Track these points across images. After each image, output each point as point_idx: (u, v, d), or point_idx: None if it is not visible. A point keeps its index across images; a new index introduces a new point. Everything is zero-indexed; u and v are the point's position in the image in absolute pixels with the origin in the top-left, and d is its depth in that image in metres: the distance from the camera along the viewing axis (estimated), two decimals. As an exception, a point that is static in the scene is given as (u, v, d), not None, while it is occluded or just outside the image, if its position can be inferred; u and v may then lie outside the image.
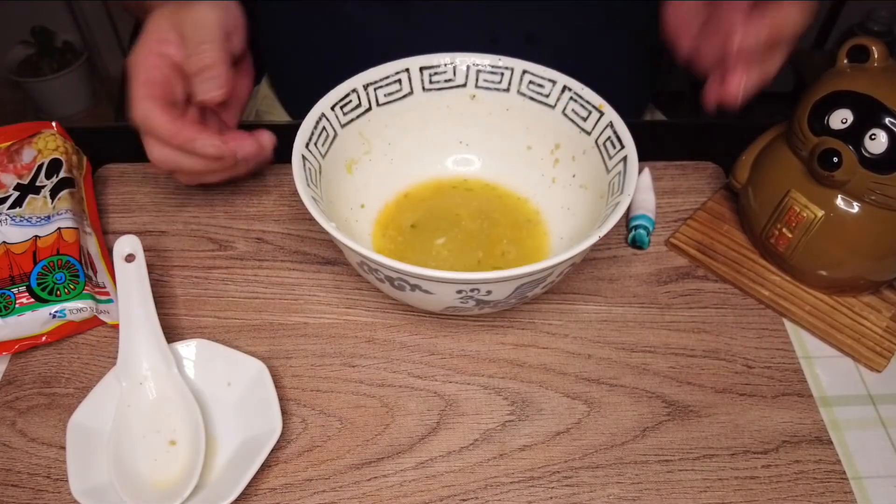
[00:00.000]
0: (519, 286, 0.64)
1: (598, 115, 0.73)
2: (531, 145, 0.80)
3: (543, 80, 0.76)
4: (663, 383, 0.72)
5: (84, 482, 0.62)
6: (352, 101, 0.76)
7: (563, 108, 0.76)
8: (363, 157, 0.80)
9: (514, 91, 0.78)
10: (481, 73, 0.78)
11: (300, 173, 0.68)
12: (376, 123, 0.79)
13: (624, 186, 0.68)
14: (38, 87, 2.86)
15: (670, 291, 0.79)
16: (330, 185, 0.74)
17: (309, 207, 0.64)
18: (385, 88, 0.77)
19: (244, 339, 0.75)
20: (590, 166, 0.75)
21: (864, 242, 0.71)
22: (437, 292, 0.64)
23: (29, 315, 0.71)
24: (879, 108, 0.66)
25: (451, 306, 0.67)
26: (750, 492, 0.65)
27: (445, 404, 0.70)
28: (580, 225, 0.74)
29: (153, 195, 0.88)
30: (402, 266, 0.60)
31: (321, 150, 0.73)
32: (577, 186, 0.77)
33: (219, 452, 0.66)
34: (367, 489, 0.65)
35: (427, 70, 0.77)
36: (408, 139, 0.82)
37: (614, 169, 0.70)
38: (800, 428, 0.69)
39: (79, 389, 0.71)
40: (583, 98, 0.74)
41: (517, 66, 0.77)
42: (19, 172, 0.82)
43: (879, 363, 0.73)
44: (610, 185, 0.70)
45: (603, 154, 0.73)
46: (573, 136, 0.76)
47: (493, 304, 0.67)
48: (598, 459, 0.67)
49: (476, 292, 0.63)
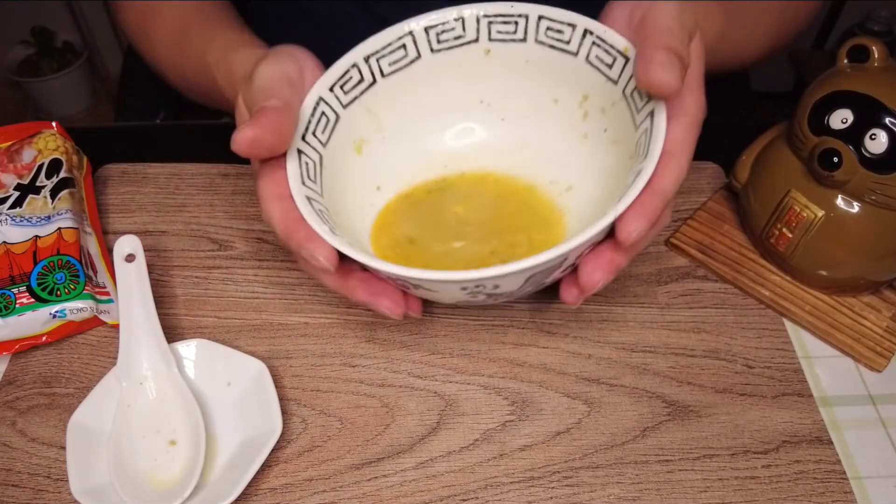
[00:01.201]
0: (530, 277, 0.58)
1: (623, 60, 0.64)
2: (557, 98, 0.72)
3: (562, 25, 0.68)
4: (663, 383, 0.72)
5: (84, 482, 0.62)
6: (352, 78, 0.69)
7: (586, 54, 0.67)
8: (374, 136, 0.72)
9: (531, 40, 0.69)
10: (493, 24, 0.69)
11: (295, 171, 0.62)
12: (384, 96, 0.71)
13: (649, 149, 0.59)
14: (39, 87, 2.86)
15: (670, 291, 0.79)
16: (336, 172, 0.68)
17: (301, 208, 0.59)
18: (389, 57, 0.70)
19: (244, 339, 0.75)
20: (620, 120, 0.66)
21: (865, 242, 0.71)
22: (441, 290, 0.60)
23: (29, 315, 0.71)
24: (880, 108, 0.66)
25: (461, 301, 0.62)
26: (750, 492, 0.65)
27: (445, 404, 0.70)
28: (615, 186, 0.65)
29: (153, 195, 0.88)
30: (397, 270, 0.56)
31: (321, 139, 0.67)
32: (610, 143, 0.68)
33: (219, 452, 0.66)
34: (367, 489, 0.65)
35: (433, 29, 0.70)
36: (423, 107, 0.74)
37: (642, 125, 0.62)
38: (800, 428, 0.69)
39: (79, 389, 0.71)
40: (606, 42, 0.65)
41: (532, 11, 0.68)
42: (19, 172, 0.82)
43: (880, 363, 0.73)
44: (637, 145, 0.63)
45: (631, 107, 0.64)
46: (600, 85, 0.68)
47: (508, 295, 0.62)
48: (598, 459, 0.67)
49: (482, 287, 0.58)
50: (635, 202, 0.55)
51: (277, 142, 0.59)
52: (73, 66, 2.85)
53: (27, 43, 2.82)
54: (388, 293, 0.60)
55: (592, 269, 0.58)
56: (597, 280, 0.58)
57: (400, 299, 0.61)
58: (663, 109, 0.59)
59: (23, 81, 2.83)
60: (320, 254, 0.57)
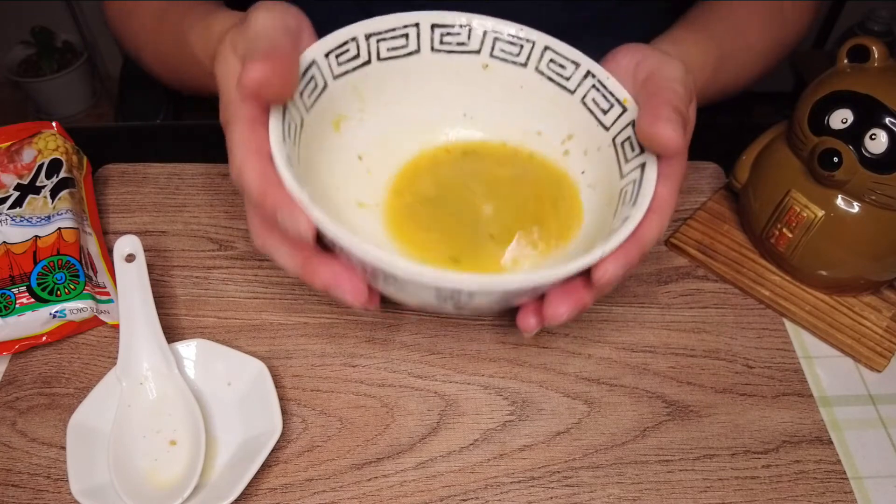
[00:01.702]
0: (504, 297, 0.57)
1: (620, 109, 0.64)
2: (542, 131, 0.71)
3: (566, 61, 0.67)
4: (663, 383, 0.72)
5: (84, 482, 0.62)
6: (349, 51, 0.66)
7: (582, 95, 0.67)
8: (355, 115, 0.69)
9: (531, 67, 0.69)
10: (498, 42, 0.68)
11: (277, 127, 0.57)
12: (374, 79, 0.68)
13: (637, 198, 0.58)
14: (39, 87, 2.86)
15: (670, 291, 0.79)
16: (311, 142, 0.64)
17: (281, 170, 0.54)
18: (389, 42, 0.68)
19: (244, 339, 0.75)
20: (603, 166, 0.66)
21: (865, 242, 0.71)
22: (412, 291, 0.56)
23: (29, 315, 0.71)
24: (880, 108, 0.66)
25: (427, 305, 0.59)
26: (750, 492, 0.65)
27: (446, 404, 0.70)
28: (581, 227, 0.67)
29: (153, 195, 0.88)
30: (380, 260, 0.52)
31: (306, 102, 0.62)
32: (585, 185, 0.68)
33: (219, 452, 0.66)
34: (367, 489, 0.65)
35: (439, 28, 0.68)
36: (407, 102, 0.72)
37: (629, 175, 0.62)
38: (800, 428, 0.69)
39: (79, 389, 0.71)
40: (606, 88, 0.65)
41: (539, 39, 0.67)
42: (19, 172, 0.82)
43: (880, 363, 0.73)
44: (622, 193, 0.62)
45: (619, 155, 0.64)
46: (589, 128, 0.67)
47: (473, 310, 0.60)
48: (598, 459, 0.67)
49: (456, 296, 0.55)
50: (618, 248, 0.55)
51: (285, 88, 0.57)
52: (73, 66, 2.85)
53: (27, 43, 2.83)
54: (351, 280, 0.56)
55: (559, 303, 0.57)
56: (561, 314, 0.57)
57: (362, 288, 0.57)
58: (654, 162, 0.60)
59: (23, 81, 2.83)
60: (301, 219, 0.53)
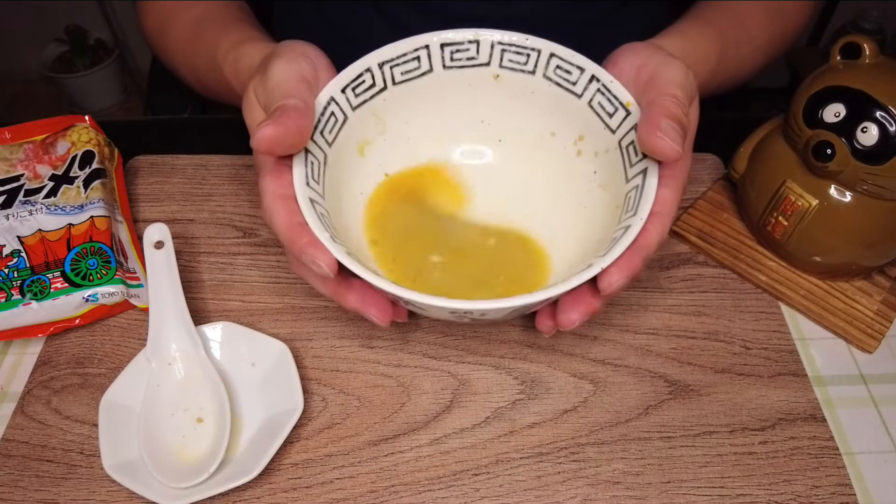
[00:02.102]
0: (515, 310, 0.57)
1: (624, 113, 0.64)
2: (555, 132, 0.71)
3: (571, 67, 0.67)
4: (665, 364, 0.71)
5: (115, 458, 0.62)
6: (365, 82, 0.67)
7: (589, 99, 0.67)
8: (377, 138, 0.70)
9: (539, 74, 0.68)
10: (506, 53, 0.68)
11: (300, 172, 0.59)
12: (392, 102, 0.69)
13: (638, 207, 0.59)
14: (72, 83, 2.86)
15: (672, 276, 0.78)
16: (338, 170, 0.66)
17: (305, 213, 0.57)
18: (402, 66, 0.68)
19: (267, 322, 0.75)
20: (611, 167, 0.66)
21: (856, 230, 0.71)
22: (431, 312, 0.59)
23: (63, 299, 0.72)
24: (871, 103, 0.66)
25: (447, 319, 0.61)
26: (748, 467, 0.64)
27: (458, 384, 0.70)
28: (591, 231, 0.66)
29: (181, 185, 0.88)
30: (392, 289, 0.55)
31: (328, 139, 0.64)
32: (597, 185, 0.68)
33: (244, 429, 0.66)
34: (384, 464, 0.65)
35: (448, 47, 0.68)
36: (426, 116, 0.72)
37: (633, 180, 0.62)
38: (795, 406, 0.68)
39: (110, 370, 0.71)
40: (610, 92, 0.65)
41: (545, 47, 0.67)
42: (54, 164, 0.82)
43: (871, 344, 0.73)
44: (626, 198, 0.62)
45: (625, 159, 0.64)
46: (598, 130, 0.67)
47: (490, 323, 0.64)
48: (603, 436, 0.66)
49: (470, 314, 0.57)
50: (620, 257, 0.56)
51: (297, 141, 0.58)
52: (104, 62, 2.85)
53: (61, 41, 2.83)
54: (377, 302, 0.60)
55: (570, 309, 0.59)
56: (573, 320, 0.59)
57: (388, 308, 0.60)
58: (656, 170, 0.59)
59: (57, 77, 2.84)
60: (323, 261, 0.56)
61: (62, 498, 0.63)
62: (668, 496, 0.63)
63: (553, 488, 0.63)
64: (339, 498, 0.63)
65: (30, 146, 0.83)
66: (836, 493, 0.63)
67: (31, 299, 0.71)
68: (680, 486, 0.63)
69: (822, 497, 0.63)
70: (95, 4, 2.79)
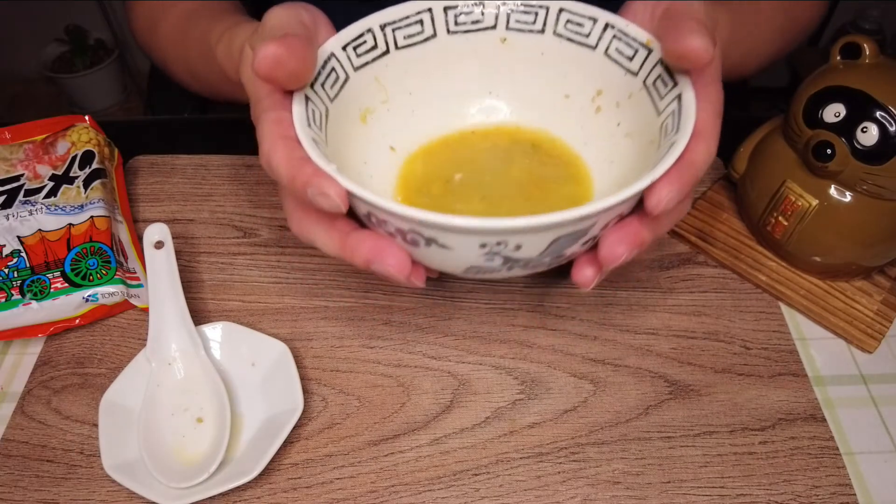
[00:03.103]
0: (555, 239, 0.51)
1: (645, 52, 0.60)
2: (569, 93, 0.67)
3: (583, 18, 0.63)
4: (665, 364, 0.71)
5: (115, 458, 0.62)
6: (366, 42, 0.63)
7: (605, 48, 0.63)
8: (380, 106, 0.67)
9: (549, 32, 0.65)
10: (513, 14, 0.65)
11: (301, 112, 0.55)
12: (395, 69, 0.66)
13: (680, 125, 0.54)
14: (72, 83, 2.87)
15: (672, 276, 0.78)
16: (339, 135, 0.62)
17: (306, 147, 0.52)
18: (404, 30, 0.65)
19: (267, 322, 0.75)
20: (637, 112, 0.62)
21: (856, 230, 0.71)
22: (457, 247, 0.51)
23: (63, 299, 0.71)
24: (871, 103, 0.66)
25: (473, 265, 0.54)
26: (748, 467, 0.64)
27: (458, 384, 0.70)
28: (625, 176, 0.62)
29: (181, 185, 0.88)
30: (414, 213, 0.48)
31: (329, 93, 0.60)
32: (623, 136, 0.64)
33: (243, 429, 0.66)
34: (384, 464, 0.65)
35: (451, 10, 0.65)
36: (430, 87, 0.69)
37: (666, 110, 0.58)
38: (795, 406, 0.68)
39: (110, 370, 0.71)
40: (628, 35, 0.61)
41: (553, 3, 0.64)
42: (54, 164, 0.82)
43: (870, 344, 0.73)
44: (662, 128, 0.58)
45: (653, 95, 0.60)
46: (617, 79, 0.63)
47: (524, 264, 0.54)
48: (603, 436, 0.66)
49: (503, 246, 0.50)
50: (667, 172, 0.50)
51: (300, 68, 0.54)
52: (104, 62, 2.86)
53: (61, 41, 2.83)
54: (395, 252, 0.52)
55: (616, 242, 0.52)
56: (619, 254, 0.52)
57: (406, 259, 0.52)
58: (691, 89, 0.56)
59: (57, 77, 2.84)
60: (331, 190, 0.50)
61: (62, 498, 0.63)
62: (668, 496, 0.63)
63: (553, 488, 0.63)
64: (339, 498, 0.63)
65: (30, 146, 0.83)
66: (836, 493, 0.63)
67: (31, 299, 0.71)
68: (680, 486, 0.63)
69: (822, 497, 0.63)
70: (95, 4, 2.80)
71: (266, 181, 0.88)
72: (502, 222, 0.47)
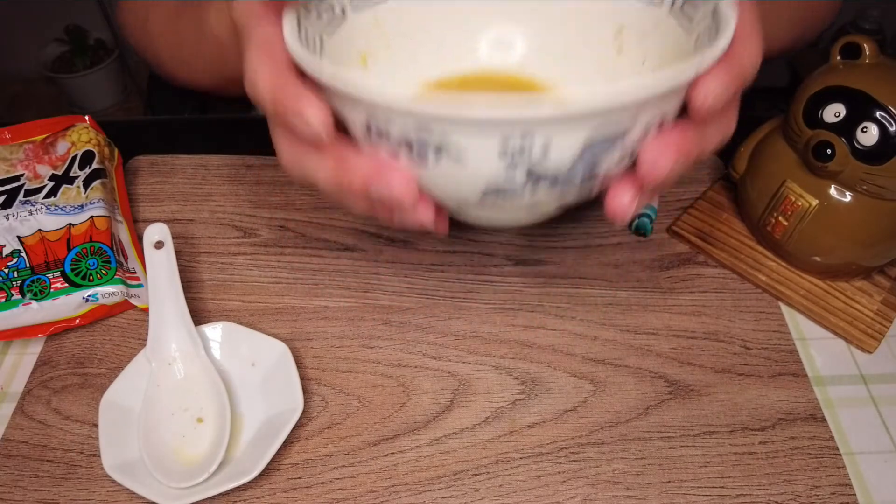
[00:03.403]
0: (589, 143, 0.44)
1: None
2: (588, 40, 0.63)
3: None
4: (665, 364, 0.71)
5: (115, 458, 0.62)
6: None
7: None
8: (381, 52, 0.62)
9: None
10: None
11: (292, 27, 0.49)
12: (396, 12, 0.62)
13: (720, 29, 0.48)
14: (72, 83, 2.87)
15: (672, 276, 0.78)
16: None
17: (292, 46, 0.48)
18: None
19: (267, 322, 0.75)
20: (666, 40, 0.58)
21: (856, 230, 0.71)
22: (473, 154, 0.45)
23: (63, 299, 0.72)
24: (871, 103, 0.66)
25: (492, 184, 0.47)
26: (748, 467, 0.64)
27: (458, 384, 0.70)
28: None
29: (181, 185, 0.88)
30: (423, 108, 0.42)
31: (325, 23, 0.56)
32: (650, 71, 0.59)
33: (243, 429, 0.66)
34: (384, 464, 0.65)
35: None
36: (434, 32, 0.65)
37: (699, 24, 0.53)
38: (795, 406, 0.68)
39: (110, 370, 0.71)
40: None
41: None
42: (54, 164, 0.82)
43: (871, 344, 0.73)
44: (697, 43, 0.53)
45: (681, 20, 0.56)
46: (639, 11, 0.59)
47: (552, 180, 0.47)
48: (603, 436, 0.66)
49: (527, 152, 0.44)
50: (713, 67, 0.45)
51: None
52: (104, 62, 2.86)
53: (61, 41, 2.83)
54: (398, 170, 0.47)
55: (659, 152, 0.46)
56: (663, 165, 0.46)
57: (411, 179, 0.47)
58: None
59: (57, 77, 2.84)
60: (311, 114, 0.45)
61: (62, 498, 0.63)
62: (668, 496, 0.63)
63: (553, 488, 0.63)
64: (339, 498, 0.63)
65: (30, 146, 0.83)
66: (836, 493, 0.63)
67: (31, 299, 0.71)
68: (680, 486, 0.63)
69: (822, 497, 0.63)
70: (95, 4, 2.80)
71: (266, 181, 0.88)
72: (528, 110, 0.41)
